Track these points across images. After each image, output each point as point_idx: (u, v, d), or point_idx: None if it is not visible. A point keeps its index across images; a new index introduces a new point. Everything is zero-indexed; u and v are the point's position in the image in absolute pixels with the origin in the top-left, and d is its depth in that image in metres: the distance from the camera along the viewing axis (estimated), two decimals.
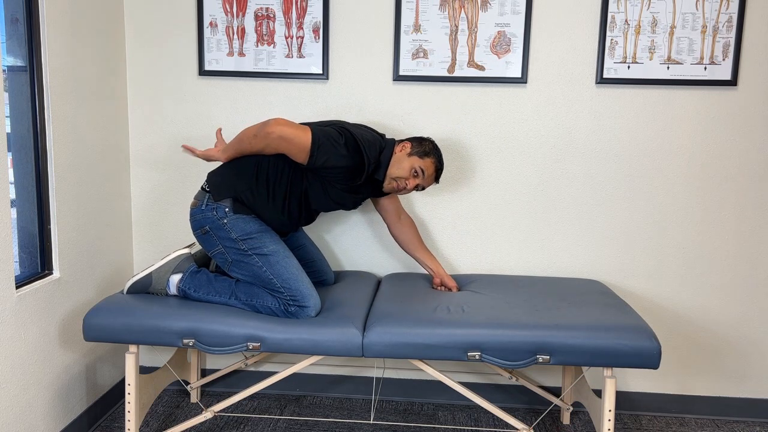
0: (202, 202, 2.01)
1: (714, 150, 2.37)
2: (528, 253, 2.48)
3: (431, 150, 2.09)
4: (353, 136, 1.97)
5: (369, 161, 1.98)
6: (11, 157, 1.95)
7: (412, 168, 2.05)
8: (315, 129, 1.94)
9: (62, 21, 2.04)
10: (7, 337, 1.81)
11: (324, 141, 1.92)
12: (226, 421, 2.35)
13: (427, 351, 1.84)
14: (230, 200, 1.98)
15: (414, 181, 2.07)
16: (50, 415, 2.04)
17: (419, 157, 2.06)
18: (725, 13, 2.28)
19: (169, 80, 2.47)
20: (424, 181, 2.09)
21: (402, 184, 2.07)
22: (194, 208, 2.03)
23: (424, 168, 2.06)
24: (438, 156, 2.10)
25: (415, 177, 2.07)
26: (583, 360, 1.82)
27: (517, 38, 2.34)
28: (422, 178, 2.07)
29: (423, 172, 2.06)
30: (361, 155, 1.96)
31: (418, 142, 2.09)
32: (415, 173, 2.06)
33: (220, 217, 1.97)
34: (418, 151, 2.07)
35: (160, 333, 1.89)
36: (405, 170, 2.05)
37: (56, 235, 2.04)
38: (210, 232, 1.99)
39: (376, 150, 2.02)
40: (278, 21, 2.39)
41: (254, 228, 1.97)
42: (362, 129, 2.07)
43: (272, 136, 1.92)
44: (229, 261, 1.99)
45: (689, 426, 2.44)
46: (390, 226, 2.29)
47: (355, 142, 1.96)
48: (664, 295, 2.46)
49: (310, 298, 1.94)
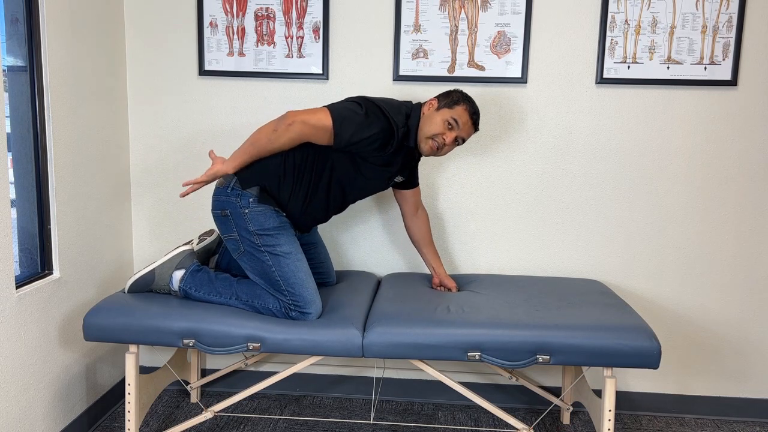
0: (229, 184, 1.97)
1: (714, 150, 2.37)
2: (528, 253, 2.48)
3: (460, 98, 2.00)
4: (374, 104, 1.92)
5: (396, 125, 1.91)
6: (11, 157, 1.95)
7: (445, 120, 1.96)
8: (332, 107, 1.90)
9: (62, 21, 2.04)
10: (7, 337, 1.81)
11: (346, 114, 1.87)
12: (226, 421, 2.35)
13: (427, 351, 1.84)
14: (257, 188, 1.95)
15: (451, 134, 1.97)
16: (50, 415, 2.04)
17: (449, 107, 1.97)
18: (725, 13, 2.28)
19: (169, 80, 2.47)
20: (461, 131, 1.98)
21: (440, 140, 1.97)
22: (219, 188, 1.99)
23: (457, 117, 1.96)
24: (470, 102, 2.00)
25: (451, 129, 1.97)
26: (583, 360, 1.82)
27: (517, 38, 2.35)
28: (458, 128, 1.97)
29: (457, 121, 1.96)
30: (387, 119, 1.90)
31: (445, 95, 2.01)
32: (449, 125, 1.96)
33: (243, 206, 1.94)
34: (447, 102, 1.98)
35: (160, 333, 1.89)
36: (438, 125, 1.96)
37: (56, 235, 2.04)
38: (230, 216, 1.96)
39: (401, 114, 1.95)
40: (278, 21, 2.39)
41: (272, 224, 1.95)
42: (384, 98, 2.01)
43: (295, 124, 1.87)
44: (241, 250, 1.97)
45: (689, 426, 2.44)
46: (405, 217, 2.28)
47: (377, 107, 1.91)
48: (664, 295, 2.46)
49: (312, 305, 1.93)
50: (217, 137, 2.49)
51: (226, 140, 2.49)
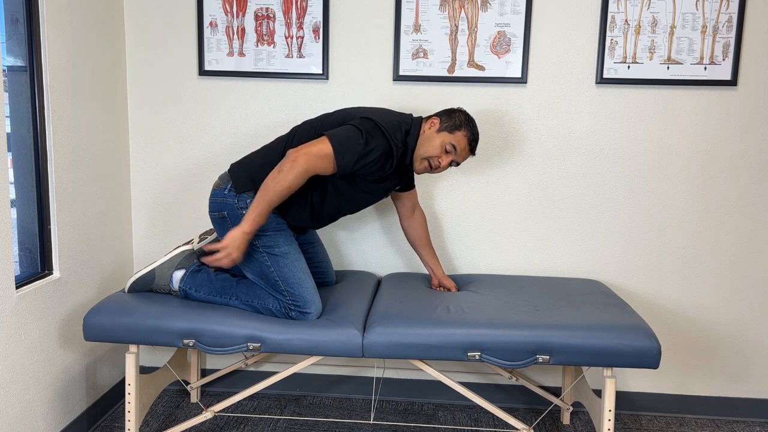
0: (226, 186, 1.97)
1: (714, 150, 2.37)
2: (528, 253, 2.49)
3: (463, 122, 1.96)
4: (374, 124, 1.89)
5: (397, 146, 1.89)
6: (11, 157, 1.95)
7: (443, 145, 1.93)
8: (331, 135, 1.85)
9: (62, 21, 2.04)
10: (7, 337, 1.81)
11: (346, 143, 1.83)
12: (226, 421, 2.35)
13: (427, 351, 1.84)
14: (253, 192, 1.94)
15: (447, 158, 1.95)
16: (50, 415, 2.04)
17: (449, 132, 1.94)
18: (725, 13, 2.28)
19: (169, 80, 2.47)
20: (457, 156, 1.97)
21: (435, 162, 1.95)
22: (216, 189, 1.98)
23: (456, 143, 1.94)
24: (470, 127, 1.97)
25: (447, 154, 1.95)
26: (583, 360, 1.82)
27: (517, 38, 2.35)
28: (455, 153, 1.95)
29: (455, 147, 1.94)
30: (387, 140, 1.87)
31: (447, 116, 1.97)
32: (446, 150, 1.94)
33: (241, 207, 1.94)
34: (448, 126, 1.95)
35: (160, 333, 1.89)
36: (436, 148, 1.93)
37: (56, 235, 2.04)
38: (227, 218, 1.96)
39: (401, 132, 1.92)
40: (278, 21, 2.39)
41: (270, 225, 1.94)
42: (383, 112, 1.97)
43: (299, 158, 1.81)
44: None
45: (689, 426, 2.44)
46: (402, 219, 2.27)
47: (377, 128, 1.88)
48: (664, 295, 2.46)
49: (312, 305, 1.93)
50: (217, 137, 2.49)
51: (226, 140, 2.49)
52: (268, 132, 2.46)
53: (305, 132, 1.99)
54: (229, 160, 2.49)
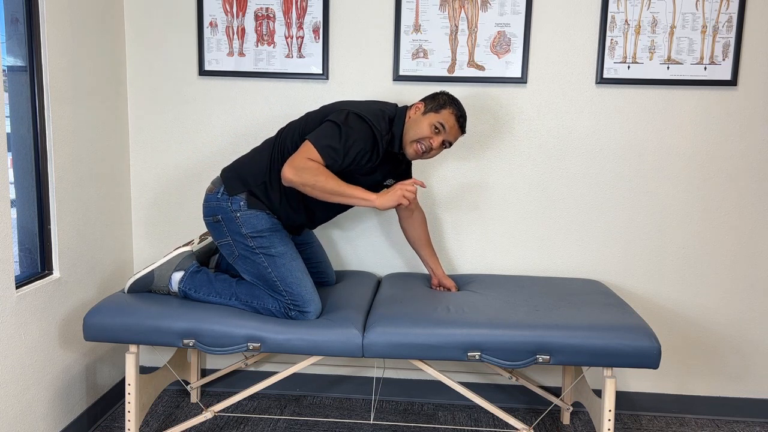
0: (219, 190, 1.97)
1: (714, 150, 2.37)
2: (528, 253, 2.48)
3: (447, 101, 1.96)
4: (354, 114, 1.89)
5: (380, 132, 1.89)
6: (11, 157, 1.95)
7: (431, 125, 1.93)
8: (312, 138, 1.86)
9: (62, 21, 2.04)
10: (7, 337, 1.81)
11: (327, 143, 1.85)
12: (226, 421, 2.35)
13: (427, 351, 1.84)
14: (246, 194, 1.95)
15: (438, 138, 1.95)
16: (50, 415, 2.04)
17: (435, 112, 1.95)
18: (725, 13, 2.28)
19: (169, 80, 2.47)
20: (447, 135, 1.96)
21: (426, 144, 1.94)
22: (209, 194, 1.99)
23: (444, 121, 1.93)
24: (456, 105, 1.97)
25: (437, 133, 1.94)
26: (583, 360, 1.82)
27: (517, 38, 2.35)
28: (444, 132, 1.95)
29: (444, 125, 1.93)
30: (368, 126, 1.88)
31: (431, 98, 1.98)
32: (436, 129, 1.93)
33: (235, 210, 1.94)
34: (433, 107, 1.95)
35: (160, 333, 1.89)
36: (424, 129, 1.93)
37: (56, 235, 2.04)
38: (221, 222, 1.96)
39: (384, 120, 1.93)
40: (278, 21, 2.39)
41: (265, 226, 1.95)
42: (364, 103, 1.98)
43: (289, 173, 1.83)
44: (235, 254, 1.98)
45: (689, 426, 2.44)
46: (402, 218, 2.27)
47: (357, 117, 1.88)
48: (664, 295, 2.46)
49: (311, 304, 1.93)
50: (217, 137, 2.49)
51: (226, 140, 2.49)
52: (268, 132, 2.46)
53: (290, 133, 1.99)
54: (229, 160, 2.49)
